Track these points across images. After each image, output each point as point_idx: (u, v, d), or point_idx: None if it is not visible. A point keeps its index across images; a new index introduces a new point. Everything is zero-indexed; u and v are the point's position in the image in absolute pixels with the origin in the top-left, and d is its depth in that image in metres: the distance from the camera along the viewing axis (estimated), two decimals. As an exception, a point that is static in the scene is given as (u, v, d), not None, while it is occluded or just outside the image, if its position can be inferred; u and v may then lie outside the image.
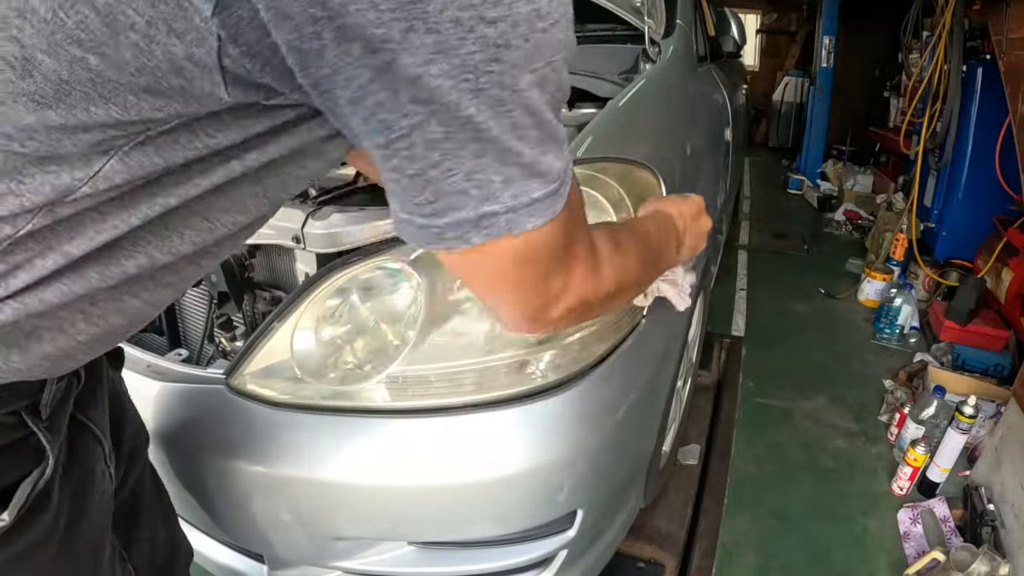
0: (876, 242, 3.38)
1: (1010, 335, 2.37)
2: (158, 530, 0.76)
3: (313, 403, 0.81)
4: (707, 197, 1.35)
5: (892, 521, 1.61)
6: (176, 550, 0.80)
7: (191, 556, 0.84)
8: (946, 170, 3.04)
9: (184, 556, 0.82)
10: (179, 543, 0.81)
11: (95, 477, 0.56)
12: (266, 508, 0.85)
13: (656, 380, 1.03)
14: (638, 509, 1.23)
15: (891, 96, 4.71)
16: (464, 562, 0.90)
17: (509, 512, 0.85)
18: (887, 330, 2.62)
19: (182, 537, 0.82)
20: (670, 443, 1.45)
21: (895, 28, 3.63)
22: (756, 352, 2.46)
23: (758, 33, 7.99)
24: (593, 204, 0.86)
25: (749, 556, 1.49)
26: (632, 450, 1.02)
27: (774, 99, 7.06)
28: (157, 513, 0.76)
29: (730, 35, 2.21)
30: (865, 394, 2.21)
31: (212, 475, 0.84)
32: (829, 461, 1.85)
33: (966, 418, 1.63)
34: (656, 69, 1.30)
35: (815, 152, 5.53)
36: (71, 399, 0.53)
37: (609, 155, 0.92)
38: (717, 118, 1.75)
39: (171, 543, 0.79)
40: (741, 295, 3.05)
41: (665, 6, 1.52)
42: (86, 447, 0.56)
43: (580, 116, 1.15)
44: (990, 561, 1.30)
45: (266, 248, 1.02)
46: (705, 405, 2.00)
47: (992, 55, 2.58)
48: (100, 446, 0.58)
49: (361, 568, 0.92)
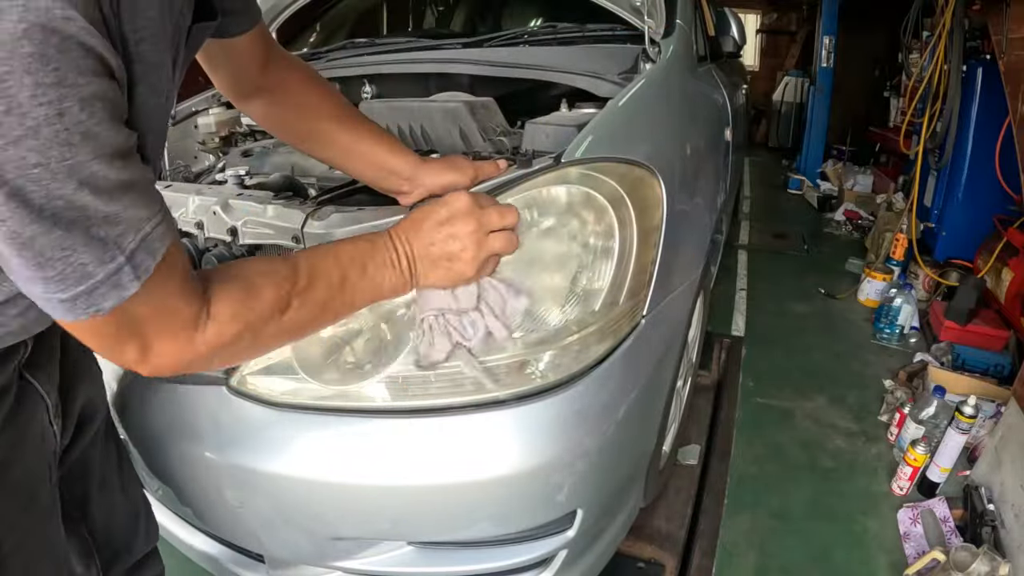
0: (876, 242, 3.37)
1: (1010, 335, 2.37)
2: (115, 497, 0.80)
3: (313, 403, 0.81)
4: (707, 197, 1.36)
5: (892, 521, 1.61)
6: (136, 522, 0.83)
7: (156, 534, 0.89)
8: (946, 170, 3.04)
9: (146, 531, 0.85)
10: (140, 516, 0.85)
11: (34, 430, 0.65)
12: (265, 508, 0.85)
13: (656, 380, 1.03)
14: (638, 509, 1.23)
15: (891, 96, 4.71)
16: (464, 562, 0.90)
17: (509, 512, 0.85)
18: (887, 330, 2.62)
19: (146, 513, 0.86)
20: (670, 443, 1.45)
21: (895, 28, 3.63)
22: (756, 352, 2.46)
23: (758, 33, 7.99)
24: (593, 204, 0.86)
25: (749, 556, 1.49)
26: (632, 450, 1.02)
27: (774, 99, 7.06)
28: (114, 483, 0.81)
29: (730, 35, 2.21)
30: (865, 394, 2.21)
31: (212, 475, 0.84)
32: (829, 461, 1.85)
33: (966, 418, 1.63)
34: (656, 69, 1.30)
35: (815, 152, 5.53)
36: (15, 360, 0.61)
37: (609, 155, 0.92)
38: (717, 118, 1.74)
39: (132, 515, 0.82)
40: (741, 295, 3.05)
41: (665, 6, 1.52)
42: (28, 402, 0.64)
43: (580, 116, 1.14)
44: (990, 561, 1.30)
45: (266, 248, 1.02)
46: (705, 405, 2.00)
47: (992, 55, 2.58)
48: (44, 404, 0.66)
49: (361, 568, 0.92)
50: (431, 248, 0.69)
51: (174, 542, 1.08)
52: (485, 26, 2.56)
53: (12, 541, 0.61)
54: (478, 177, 0.90)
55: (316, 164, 1.17)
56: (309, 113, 0.85)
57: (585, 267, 0.84)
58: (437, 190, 0.89)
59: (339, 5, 2.13)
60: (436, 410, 0.79)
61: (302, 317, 0.60)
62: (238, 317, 0.54)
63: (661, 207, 0.96)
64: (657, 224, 0.94)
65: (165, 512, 1.06)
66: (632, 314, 0.90)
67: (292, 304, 0.58)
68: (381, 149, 0.88)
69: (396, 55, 1.60)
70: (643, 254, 0.90)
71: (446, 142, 1.23)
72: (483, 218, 0.71)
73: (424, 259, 0.69)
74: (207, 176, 1.24)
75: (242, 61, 0.78)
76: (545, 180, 0.85)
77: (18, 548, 0.62)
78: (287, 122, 0.86)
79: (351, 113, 0.89)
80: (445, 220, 0.69)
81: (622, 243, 0.86)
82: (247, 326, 0.55)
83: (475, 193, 0.73)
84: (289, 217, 0.88)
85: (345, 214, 0.89)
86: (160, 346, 0.51)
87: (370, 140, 0.88)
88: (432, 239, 0.69)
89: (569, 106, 1.23)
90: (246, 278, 0.56)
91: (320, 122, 0.85)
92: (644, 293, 0.91)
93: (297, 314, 0.59)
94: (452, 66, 1.43)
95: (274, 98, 0.83)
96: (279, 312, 0.58)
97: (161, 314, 0.49)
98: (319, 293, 0.61)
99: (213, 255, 0.96)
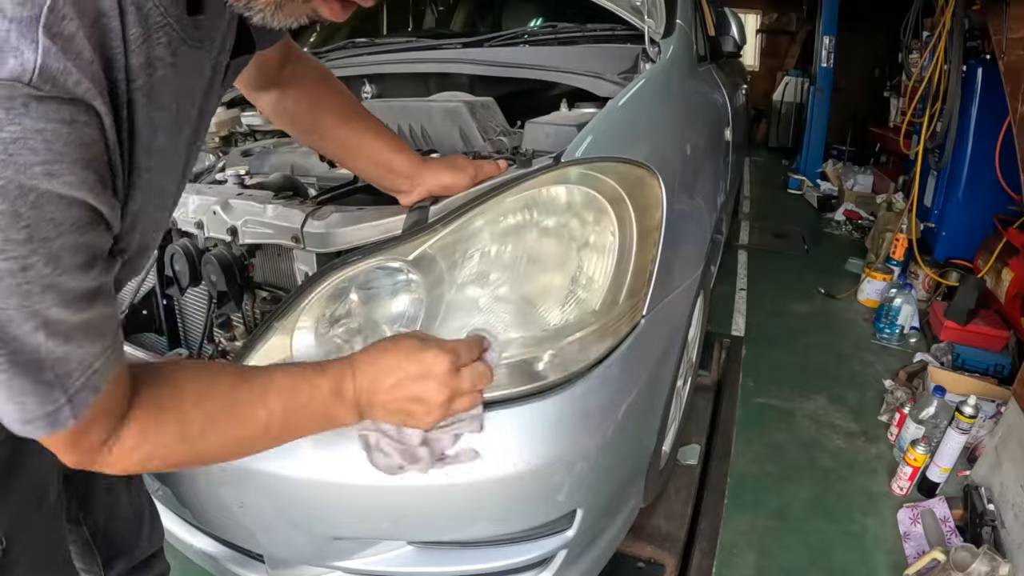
0: (876, 242, 3.37)
1: (1010, 335, 2.37)
2: (119, 501, 0.80)
3: (313, 403, 0.81)
4: (707, 197, 1.36)
5: (892, 521, 1.61)
6: (139, 525, 0.82)
7: (160, 537, 0.88)
8: (946, 170, 3.04)
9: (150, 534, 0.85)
10: (144, 519, 0.84)
11: None
12: (266, 508, 0.85)
13: (656, 380, 1.03)
14: (638, 509, 1.23)
15: (891, 96, 4.71)
16: (464, 562, 0.90)
17: (509, 512, 0.85)
18: (887, 330, 2.62)
19: (150, 516, 0.85)
20: (670, 443, 1.45)
21: (895, 28, 3.63)
22: (756, 352, 2.46)
23: (758, 33, 7.99)
24: (593, 204, 0.86)
25: (749, 556, 1.49)
26: (632, 450, 1.02)
27: (774, 99, 7.07)
28: (119, 486, 0.81)
29: (730, 35, 2.21)
30: (865, 394, 2.21)
31: (211, 476, 0.84)
32: (829, 461, 1.85)
33: (966, 418, 1.63)
34: (656, 69, 1.30)
35: (815, 152, 5.53)
36: None
37: (609, 155, 0.92)
38: (717, 118, 1.74)
39: (135, 518, 0.82)
40: (741, 295, 3.05)
41: (665, 6, 1.52)
42: None
43: (580, 116, 1.15)
44: (990, 561, 1.30)
45: (266, 248, 1.02)
46: (705, 405, 2.00)
47: (992, 55, 2.58)
48: None
49: (361, 568, 0.92)
50: (391, 403, 0.65)
51: (174, 542, 1.07)
52: (485, 26, 2.56)
53: (22, 541, 0.61)
54: (478, 177, 0.90)
55: (316, 164, 1.17)
56: (317, 108, 0.85)
57: (585, 267, 0.84)
58: (437, 190, 0.89)
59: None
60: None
61: (220, 449, 0.59)
62: (141, 446, 0.53)
63: (661, 207, 0.95)
64: (657, 224, 0.94)
65: (165, 512, 1.06)
66: (632, 314, 0.90)
67: (209, 436, 0.56)
68: (384, 147, 0.88)
69: (396, 55, 1.60)
70: (643, 254, 0.90)
71: (446, 142, 1.23)
72: (456, 384, 0.66)
73: (380, 407, 0.65)
74: (207, 176, 1.24)
75: (263, 62, 0.78)
76: (545, 180, 0.85)
77: (27, 548, 0.62)
78: (294, 115, 0.87)
79: (357, 110, 0.89)
80: (416, 378, 0.64)
81: (622, 243, 0.86)
82: (152, 454, 0.54)
83: (455, 351, 0.67)
84: (289, 217, 0.88)
85: (345, 214, 0.89)
86: (78, 457, 0.51)
87: (373, 138, 0.88)
88: (395, 396, 0.64)
89: (569, 106, 1.23)
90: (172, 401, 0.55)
91: (326, 117, 0.86)
92: (644, 293, 0.91)
93: (215, 445, 0.58)
94: (452, 66, 1.44)
95: (286, 92, 0.84)
96: (193, 441, 0.56)
97: (80, 434, 0.49)
98: (265, 415, 0.58)
99: (213, 255, 0.96)
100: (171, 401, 0.54)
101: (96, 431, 0.50)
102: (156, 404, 0.53)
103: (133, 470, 0.55)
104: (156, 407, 0.53)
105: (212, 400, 0.56)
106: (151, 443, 0.53)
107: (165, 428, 0.54)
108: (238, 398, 0.58)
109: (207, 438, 0.56)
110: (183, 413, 0.55)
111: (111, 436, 0.51)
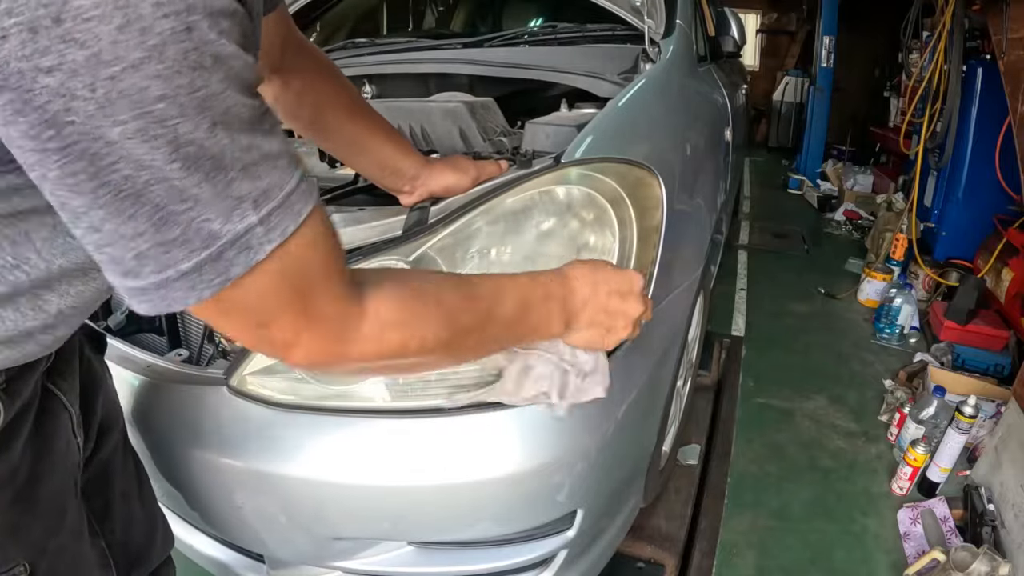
0: (876, 242, 3.38)
1: (1010, 335, 2.37)
2: (134, 509, 0.77)
3: (313, 403, 0.81)
4: (707, 197, 1.36)
5: (892, 521, 1.61)
6: (153, 532, 0.81)
7: (171, 543, 0.86)
8: (946, 170, 3.04)
9: (162, 541, 0.83)
10: (157, 526, 0.83)
11: (59, 442, 0.60)
12: (266, 508, 0.85)
13: (656, 380, 1.03)
14: (638, 509, 1.23)
15: (891, 96, 4.71)
16: (464, 562, 0.90)
17: (509, 512, 0.85)
18: (887, 330, 2.62)
19: (162, 522, 0.84)
20: (670, 443, 1.45)
21: (895, 28, 3.63)
22: (756, 352, 2.46)
23: (758, 33, 7.98)
24: (593, 204, 0.86)
25: (749, 556, 1.49)
26: (632, 450, 1.02)
27: (774, 99, 7.06)
28: (133, 493, 0.78)
29: (730, 35, 2.21)
30: (865, 394, 2.21)
31: (211, 475, 0.84)
32: (829, 461, 1.85)
33: (966, 418, 1.63)
34: (656, 69, 1.30)
35: (815, 152, 5.53)
36: (37, 369, 0.56)
37: (609, 155, 0.92)
38: (717, 118, 1.75)
39: (149, 525, 0.80)
40: (741, 295, 3.05)
41: (665, 6, 1.52)
42: (53, 413, 0.60)
43: (580, 116, 1.15)
44: (990, 561, 1.30)
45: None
46: (705, 405, 2.00)
47: (992, 55, 2.58)
48: (67, 414, 0.62)
49: (361, 568, 0.92)
50: (597, 314, 0.64)
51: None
52: (485, 26, 2.56)
53: (45, 565, 0.57)
54: (480, 178, 0.90)
55: (316, 164, 1.17)
56: (321, 102, 0.83)
57: (585, 267, 0.84)
58: (439, 191, 0.89)
59: (339, 5, 2.13)
60: (436, 410, 0.79)
61: (475, 340, 0.54)
62: (402, 325, 0.46)
63: (661, 207, 0.96)
64: (657, 224, 0.94)
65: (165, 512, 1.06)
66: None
67: (463, 318, 0.51)
68: (388, 147, 0.87)
69: (396, 55, 1.60)
70: (643, 254, 0.90)
71: (446, 142, 1.23)
72: (647, 303, 0.67)
73: (587, 319, 0.64)
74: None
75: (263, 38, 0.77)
76: (545, 180, 0.85)
77: (51, 571, 0.58)
78: (298, 108, 0.83)
79: (363, 108, 0.87)
80: (625, 294, 0.65)
81: (622, 243, 0.86)
82: (412, 335, 0.47)
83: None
84: (289, 217, 0.88)
85: (345, 214, 0.89)
86: (301, 336, 0.42)
87: (379, 137, 0.87)
88: (607, 305, 0.64)
89: (569, 106, 1.24)
90: (419, 281, 0.50)
91: (331, 112, 0.84)
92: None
93: (471, 334, 0.53)
94: (452, 66, 1.44)
95: (289, 83, 0.81)
96: (454, 323, 0.50)
97: (300, 295, 0.41)
98: (505, 309, 0.55)
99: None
100: (418, 281, 0.49)
101: (322, 291, 0.41)
102: (402, 282, 0.47)
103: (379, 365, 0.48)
104: (401, 283, 0.47)
105: (458, 289, 0.52)
106: (413, 323, 0.46)
107: (424, 302, 0.48)
108: (478, 292, 0.54)
109: (460, 321, 0.50)
110: (440, 292, 0.50)
111: (351, 306, 0.43)
